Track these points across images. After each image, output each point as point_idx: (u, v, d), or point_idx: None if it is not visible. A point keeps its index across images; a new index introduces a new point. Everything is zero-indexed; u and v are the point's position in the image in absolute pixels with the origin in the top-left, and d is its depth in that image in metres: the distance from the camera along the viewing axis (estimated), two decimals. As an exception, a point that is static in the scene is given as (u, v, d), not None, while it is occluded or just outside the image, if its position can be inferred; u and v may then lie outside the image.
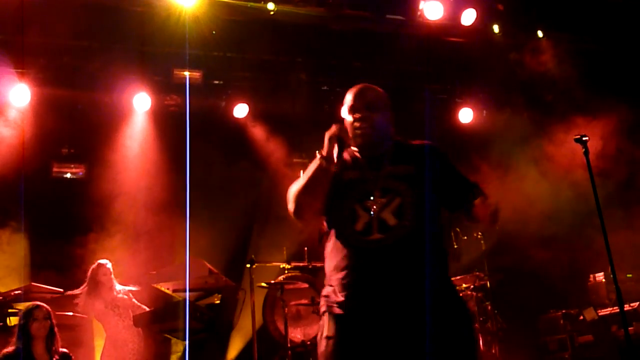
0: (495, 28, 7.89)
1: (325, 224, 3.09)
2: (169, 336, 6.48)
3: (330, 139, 2.96)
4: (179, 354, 6.36)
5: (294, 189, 3.04)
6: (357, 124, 3.03)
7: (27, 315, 5.14)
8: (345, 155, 3.07)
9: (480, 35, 7.88)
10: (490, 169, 8.31)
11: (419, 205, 2.93)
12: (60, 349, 5.21)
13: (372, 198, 2.94)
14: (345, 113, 3.14)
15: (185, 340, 6.16)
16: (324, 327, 2.91)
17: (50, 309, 5.27)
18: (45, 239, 7.53)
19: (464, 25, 7.64)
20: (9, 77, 7.37)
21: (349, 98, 3.13)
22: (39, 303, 5.31)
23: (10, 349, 5.11)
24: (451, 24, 7.63)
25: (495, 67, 8.29)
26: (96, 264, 6.59)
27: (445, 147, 3.17)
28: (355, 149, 3.11)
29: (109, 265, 6.58)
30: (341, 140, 2.96)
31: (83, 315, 6.43)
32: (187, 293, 6.22)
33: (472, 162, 8.39)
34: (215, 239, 7.73)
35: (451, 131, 8.96)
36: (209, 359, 6.57)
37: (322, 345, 2.89)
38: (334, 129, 2.97)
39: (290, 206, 3.03)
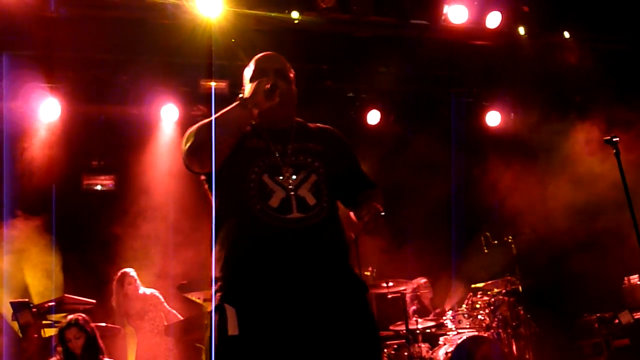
0: (521, 30, 7.83)
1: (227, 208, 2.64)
2: (200, 345, 6.51)
3: (262, 83, 2.66)
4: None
5: (198, 124, 2.67)
6: (267, 86, 2.65)
7: (59, 339, 5.23)
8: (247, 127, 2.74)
9: (506, 37, 7.83)
10: (520, 172, 8.25)
11: (331, 187, 2.69)
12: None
13: (284, 173, 2.63)
14: (247, 80, 2.83)
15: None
16: (223, 323, 2.50)
17: (82, 325, 5.29)
18: (76, 251, 7.62)
19: (489, 28, 7.60)
20: (40, 91, 7.50)
21: (253, 63, 2.85)
22: (69, 321, 5.32)
23: None
24: (476, 27, 7.59)
25: (522, 69, 8.23)
26: (120, 273, 6.66)
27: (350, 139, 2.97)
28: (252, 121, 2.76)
29: (133, 273, 6.65)
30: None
31: (115, 326, 6.49)
32: (213, 302, 6.24)
33: (500, 165, 8.35)
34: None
35: (479, 134, 8.92)
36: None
37: (219, 347, 2.49)
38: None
39: (190, 141, 2.64)
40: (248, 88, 2.76)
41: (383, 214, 2.64)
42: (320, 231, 2.59)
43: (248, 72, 2.87)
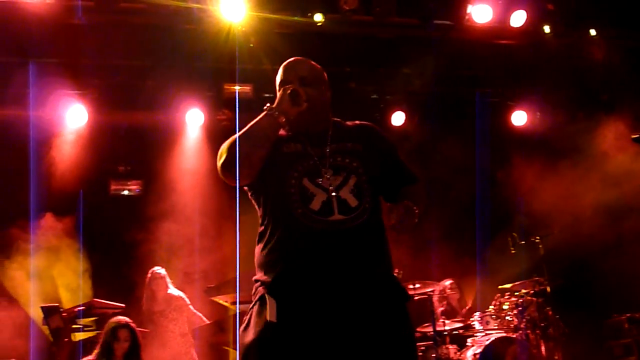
0: (546, 28, 7.75)
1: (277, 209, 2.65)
2: (227, 348, 6.54)
3: (285, 91, 2.70)
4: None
5: (230, 139, 2.69)
6: (288, 92, 2.70)
7: (110, 334, 5.26)
8: (280, 132, 2.75)
9: (531, 36, 7.76)
10: (547, 171, 8.17)
11: (372, 186, 2.68)
12: None
13: (323, 175, 2.64)
14: (277, 88, 2.85)
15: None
16: (262, 312, 2.53)
17: (134, 330, 5.33)
18: (104, 255, 7.71)
19: (513, 27, 7.54)
20: (67, 98, 7.60)
21: (280, 71, 2.87)
22: (124, 322, 5.37)
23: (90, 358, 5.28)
24: (501, 26, 7.53)
25: (548, 68, 8.16)
26: (150, 272, 6.76)
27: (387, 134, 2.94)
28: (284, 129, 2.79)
29: (159, 270, 6.74)
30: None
31: (145, 329, 6.55)
32: (238, 305, 6.28)
33: (526, 165, 8.28)
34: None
35: (504, 134, 8.85)
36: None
37: (255, 332, 2.53)
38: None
39: (223, 157, 2.66)
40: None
41: (417, 211, 2.60)
42: (363, 233, 2.60)
43: (277, 79, 2.89)
